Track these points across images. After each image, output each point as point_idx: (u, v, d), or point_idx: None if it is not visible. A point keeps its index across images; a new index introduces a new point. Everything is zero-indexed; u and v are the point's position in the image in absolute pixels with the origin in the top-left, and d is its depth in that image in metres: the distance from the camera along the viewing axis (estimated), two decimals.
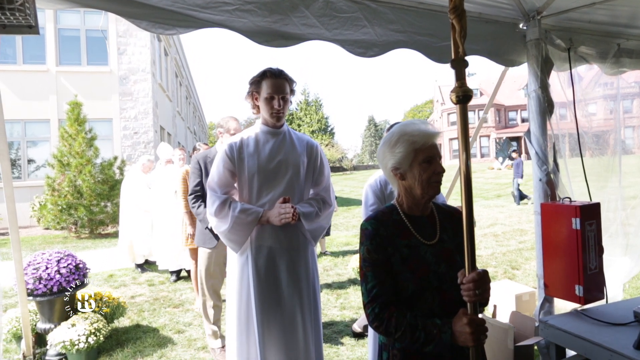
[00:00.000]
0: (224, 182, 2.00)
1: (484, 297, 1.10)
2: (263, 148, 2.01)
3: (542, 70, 2.57)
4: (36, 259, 2.99)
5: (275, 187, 1.99)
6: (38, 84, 11.48)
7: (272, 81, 1.97)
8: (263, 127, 2.06)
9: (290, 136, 2.11)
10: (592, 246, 2.33)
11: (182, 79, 21.07)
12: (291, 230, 1.99)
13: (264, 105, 1.99)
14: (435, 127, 1.27)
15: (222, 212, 1.94)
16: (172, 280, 5.16)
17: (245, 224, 1.92)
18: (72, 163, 9.15)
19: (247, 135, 2.06)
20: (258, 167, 1.97)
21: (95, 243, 8.53)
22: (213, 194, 1.98)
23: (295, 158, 2.04)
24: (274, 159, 1.99)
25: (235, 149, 2.00)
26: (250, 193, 2.00)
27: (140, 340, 3.33)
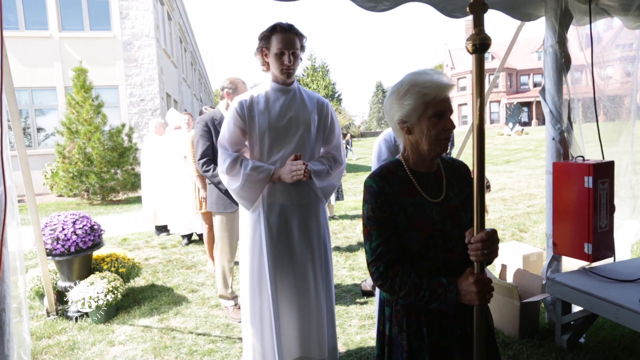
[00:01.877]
0: (235, 140, 1.99)
1: (491, 257, 1.08)
2: (273, 105, 1.98)
3: (561, 24, 2.47)
4: (52, 220, 3.07)
5: (286, 145, 1.98)
6: (42, 51, 11.35)
7: (282, 36, 1.89)
8: (273, 85, 2.02)
9: (301, 94, 2.06)
10: (603, 205, 2.32)
11: (186, 45, 20.66)
12: (302, 187, 2.00)
13: (273, 62, 1.93)
14: (450, 78, 1.18)
15: (233, 170, 1.95)
16: (183, 244, 5.29)
17: (257, 182, 1.93)
18: (80, 130, 9.19)
19: (257, 92, 2.02)
20: (269, 125, 1.95)
21: (107, 209, 8.71)
22: (224, 152, 1.98)
23: (306, 116, 2.02)
24: (285, 117, 1.97)
25: (245, 106, 1.97)
26: (261, 151, 1.99)
27: (156, 299, 3.46)
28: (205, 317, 3.10)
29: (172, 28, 16.47)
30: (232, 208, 3.01)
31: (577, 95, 2.79)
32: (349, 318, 2.99)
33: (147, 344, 2.71)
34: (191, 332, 2.86)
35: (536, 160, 14.46)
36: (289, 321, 2.01)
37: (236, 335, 2.80)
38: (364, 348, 2.56)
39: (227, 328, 2.92)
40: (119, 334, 2.87)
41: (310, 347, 2.05)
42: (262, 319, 2.02)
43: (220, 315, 3.13)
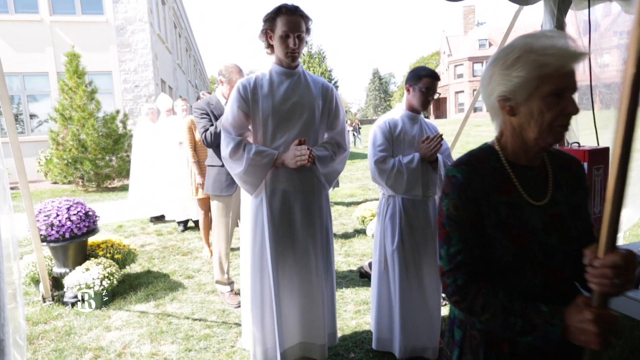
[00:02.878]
0: (238, 124, 1.95)
1: (624, 290, 0.80)
2: (277, 89, 1.93)
3: (559, 9, 2.44)
4: (46, 206, 3.05)
5: (289, 130, 1.94)
6: (33, 35, 11.13)
7: (288, 18, 1.84)
8: (277, 68, 1.97)
9: (305, 78, 2.02)
10: (598, 191, 2.33)
11: (181, 30, 20.34)
12: (306, 173, 1.98)
13: (278, 44, 1.88)
14: (578, 46, 0.88)
15: (236, 154, 1.92)
16: (179, 231, 5.29)
17: (260, 166, 1.91)
18: (74, 117, 9.08)
19: (261, 75, 1.97)
20: (272, 109, 1.91)
21: (103, 196, 8.67)
22: (227, 136, 1.95)
23: (311, 100, 1.97)
24: (289, 101, 1.93)
25: (249, 89, 1.92)
26: (264, 135, 1.95)
27: (152, 285, 3.47)
28: (201, 303, 3.12)
29: (166, 13, 16.19)
30: (228, 191, 3.01)
31: None
32: (344, 303, 3.02)
33: (144, 329, 2.72)
34: (187, 318, 2.88)
35: None
36: (290, 307, 2.01)
37: (232, 321, 2.82)
38: (359, 332, 2.59)
39: (223, 313, 2.94)
40: (115, 319, 2.88)
41: (310, 333, 2.06)
42: (263, 305, 2.01)
43: (216, 301, 3.15)
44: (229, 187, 3.01)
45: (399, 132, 2.15)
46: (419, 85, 2.10)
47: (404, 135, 2.15)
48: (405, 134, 2.15)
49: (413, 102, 2.16)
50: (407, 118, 2.20)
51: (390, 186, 2.12)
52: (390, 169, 2.07)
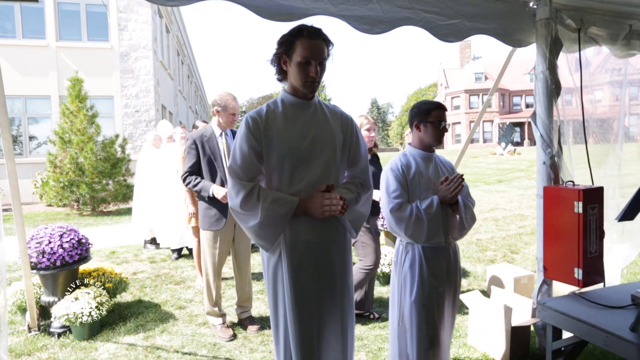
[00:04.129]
0: (250, 166, 1.63)
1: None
2: (294, 124, 1.66)
3: (551, 51, 2.52)
4: (39, 233, 3.01)
5: (309, 171, 1.65)
6: (38, 60, 11.35)
7: (309, 43, 1.57)
8: (291, 99, 1.69)
9: (322, 109, 1.75)
10: (593, 230, 2.33)
11: (183, 57, 20.80)
12: (330, 221, 1.69)
13: (296, 72, 1.61)
14: None
15: (249, 204, 1.60)
16: (173, 258, 5.21)
17: (279, 217, 1.60)
18: (73, 140, 9.13)
19: (272, 107, 1.69)
20: (290, 147, 1.62)
21: (97, 220, 8.59)
22: (237, 183, 1.62)
23: (331, 135, 1.71)
24: (307, 137, 1.65)
25: (260, 124, 1.63)
26: (280, 179, 1.65)
27: (143, 315, 3.39)
28: (192, 336, 3.04)
29: (170, 41, 16.60)
30: (217, 226, 2.99)
31: (567, 118, 2.84)
32: None
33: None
34: (177, 351, 2.79)
35: (528, 181, 14.59)
36: None
37: (223, 356, 2.74)
38: None
39: (214, 347, 2.85)
40: (102, 351, 2.79)
41: None
42: None
43: (207, 334, 3.07)
44: (217, 221, 2.99)
45: (413, 174, 1.97)
46: (430, 120, 1.97)
47: (419, 177, 1.97)
48: (420, 176, 1.98)
49: (426, 138, 2.00)
50: (420, 158, 2.03)
51: (410, 235, 1.93)
52: (408, 217, 1.89)
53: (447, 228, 1.96)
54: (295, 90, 1.68)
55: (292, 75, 1.64)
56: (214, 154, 3.01)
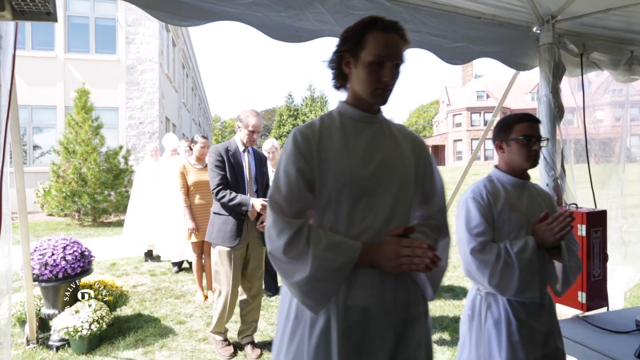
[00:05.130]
0: (297, 197, 1.20)
1: None
2: (355, 144, 1.24)
3: (554, 75, 2.56)
4: (42, 244, 3.02)
5: (375, 207, 1.21)
6: (46, 71, 11.52)
7: (385, 37, 1.20)
8: (352, 111, 1.29)
9: (389, 127, 1.34)
10: (597, 253, 2.33)
11: (188, 71, 21.08)
12: (402, 278, 1.22)
13: (364, 75, 1.22)
14: None
15: (296, 249, 1.15)
16: (173, 272, 5.19)
17: (336, 270, 1.15)
18: (77, 150, 9.19)
19: (327, 121, 1.29)
20: (350, 175, 1.19)
21: (98, 231, 8.58)
22: (279, 218, 1.18)
23: (401, 160, 1.29)
24: (372, 162, 1.23)
25: (313, 142, 1.22)
26: (336, 217, 1.21)
27: (142, 330, 3.36)
28: (191, 352, 3.01)
29: (176, 54, 16.86)
30: (232, 242, 2.86)
31: (569, 137, 2.86)
32: None
33: None
34: None
35: None
36: None
37: None
38: None
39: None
40: None
41: None
42: None
43: (207, 350, 3.04)
44: (232, 238, 2.86)
45: (501, 206, 1.58)
46: (513, 136, 1.60)
47: (509, 210, 1.58)
48: (512, 208, 1.59)
49: (513, 159, 1.62)
50: (511, 185, 1.65)
51: (495, 285, 1.53)
52: (494, 261, 1.51)
53: (543, 279, 1.57)
54: (359, 101, 1.29)
55: (357, 80, 1.25)
56: (238, 170, 2.94)
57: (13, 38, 1.70)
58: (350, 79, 1.28)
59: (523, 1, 2.40)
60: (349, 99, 1.31)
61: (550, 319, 1.63)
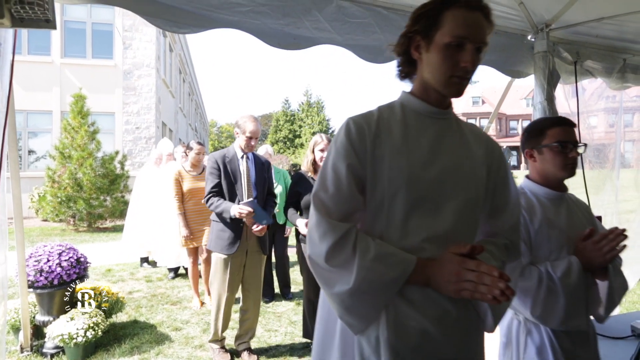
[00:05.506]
0: (346, 197, 1.04)
1: None
2: (417, 141, 1.06)
3: (549, 83, 2.59)
4: (38, 251, 3.00)
5: (435, 218, 1.04)
6: (42, 76, 11.49)
7: (467, 15, 1.01)
8: (418, 104, 1.11)
9: (459, 126, 1.15)
10: None
11: (185, 76, 21.09)
12: (461, 303, 1.04)
13: (438, 60, 1.03)
14: None
15: (340, 256, 0.99)
16: (169, 277, 5.17)
17: (384, 284, 0.98)
18: (73, 155, 9.15)
19: (387, 114, 1.11)
20: (409, 175, 1.02)
21: (93, 237, 8.53)
22: (324, 220, 1.02)
23: (471, 166, 1.10)
24: (434, 164, 1.05)
25: (368, 135, 1.05)
26: (388, 223, 1.04)
27: (138, 337, 3.33)
28: (188, 359, 2.99)
29: (173, 59, 16.87)
30: (229, 250, 2.83)
31: None
32: None
33: None
34: None
35: None
36: None
37: None
38: None
39: None
40: None
41: None
42: None
43: (204, 357, 3.02)
44: (230, 246, 2.83)
45: (539, 223, 1.39)
46: (546, 142, 1.41)
47: (548, 228, 1.38)
48: (550, 227, 1.38)
49: (548, 169, 1.43)
50: (546, 198, 1.45)
51: (539, 316, 1.34)
52: (536, 289, 1.32)
53: (589, 305, 1.37)
54: (427, 92, 1.10)
55: (428, 66, 1.06)
56: (234, 177, 2.90)
57: (12, 45, 1.71)
58: (419, 66, 1.10)
59: (518, 10, 2.43)
60: (415, 90, 1.13)
61: (595, 349, 1.42)
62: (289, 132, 43.69)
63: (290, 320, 3.78)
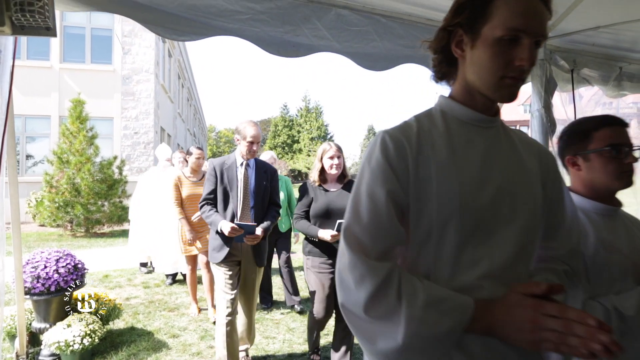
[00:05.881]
0: (386, 230, 0.86)
1: None
2: (465, 157, 0.90)
3: (546, 91, 2.62)
4: (35, 257, 2.98)
5: (493, 247, 0.87)
6: (41, 80, 11.50)
7: (523, 3, 0.84)
8: (462, 111, 0.93)
9: (508, 135, 0.97)
10: None
11: (184, 81, 21.13)
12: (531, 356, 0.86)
13: (486, 57, 0.86)
14: None
15: (383, 305, 0.81)
16: (167, 283, 5.14)
17: (438, 337, 0.80)
18: (71, 161, 9.13)
19: (427, 125, 0.93)
20: (462, 200, 0.85)
21: (90, 242, 8.49)
22: (360, 259, 0.83)
23: (528, 182, 0.93)
24: (489, 183, 0.88)
25: (410, 153, 0.88)
26: (438, 257, 0.87)
27: (135, 344, 3.31)
28: None
29: (172, 65, 16.92)
30: (215, 258, 2.76)
31: None
32: None
33: None
34: None
35: None
36: None
37: None
38: None
39: None
40: None
41: None
42: None
43: None
44: (219, 254, 2.72)
45: (594, 246, 1.15)
46: (593, 147, 1.19)
47: (605, 251, 1.15)
48: (609, 250, 1.15)
49: (597, 179, 1.20)
50: (599, 215, 1.21)
51: None
52: None
53: None
54: (472, 96, 0.92)
55: (473, 65, 0.88)
56: (230, 184, 2.81)
57: (12, 52, 1.72)
58: (460, 66, 0.93)
59: None
60: (456, 94, 0.95)
61: None
62: (288, 137, 43.76)
63: (289, 327, 3.76)
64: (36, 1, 1.42)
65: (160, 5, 1.86)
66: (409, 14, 2.35)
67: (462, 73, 0.93)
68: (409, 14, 2.35)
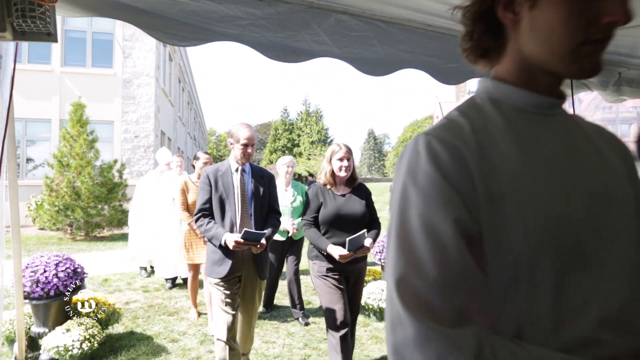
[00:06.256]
0: (461, 279, 0.55)
1: None
2: (540, 156, 0.65)
3: None
4: (34, 261, 2.98)
5: (603, 279, 0.62)
6: (42, 84, 11.54)
7: None
8: (521, 95, 0.69)
9: (577, 125, 0.73)
10: None
11: (184, 85, 21.18)
12: None
13: (557, 17, 0.61)
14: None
15: None
16: (167, 287, 5.13)
17: None
18: (71, 164, 9.14)
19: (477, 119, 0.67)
20: (551, 216, 0.60)
21: (90, 246, 8.48)
22: (429, 330, 0.52)
23: (620, 185, 0.68)
24: (577, 190, 0.64)
25: (470, 160, 0.61)
26: (530, 304, 0.59)
27: (134, 348, 3.30)
28: None
29: (172, 68, 16.97)
30: (218, 273, 2.55)
31: None
32: None
33: None
34: None
35: None
36: None
37: None
38: None
39: None
40: None
41: None
42: None
43: None
44: (221, 266, 2.51)
45: None
46: None
47: None
48: None
49: None
50: None
51: None
52: None
53: None
54: (531, 74, 0.68)
55: (536, 31, 0.64)
56: (226, 192, 2.62)
57: (13, 57, 1.72)
58: (511, 36, 0.68)
59: None
60: (507, 74, 0.70)
61: None
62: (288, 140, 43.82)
63: (289, 332, 3.75)
64: (37, 7, 1.42)
65: (161, 10, 1.87)
66: (409, 19, 2.36)
67: (514, 45, 0.68)
68: (409, 20, 2.36)
